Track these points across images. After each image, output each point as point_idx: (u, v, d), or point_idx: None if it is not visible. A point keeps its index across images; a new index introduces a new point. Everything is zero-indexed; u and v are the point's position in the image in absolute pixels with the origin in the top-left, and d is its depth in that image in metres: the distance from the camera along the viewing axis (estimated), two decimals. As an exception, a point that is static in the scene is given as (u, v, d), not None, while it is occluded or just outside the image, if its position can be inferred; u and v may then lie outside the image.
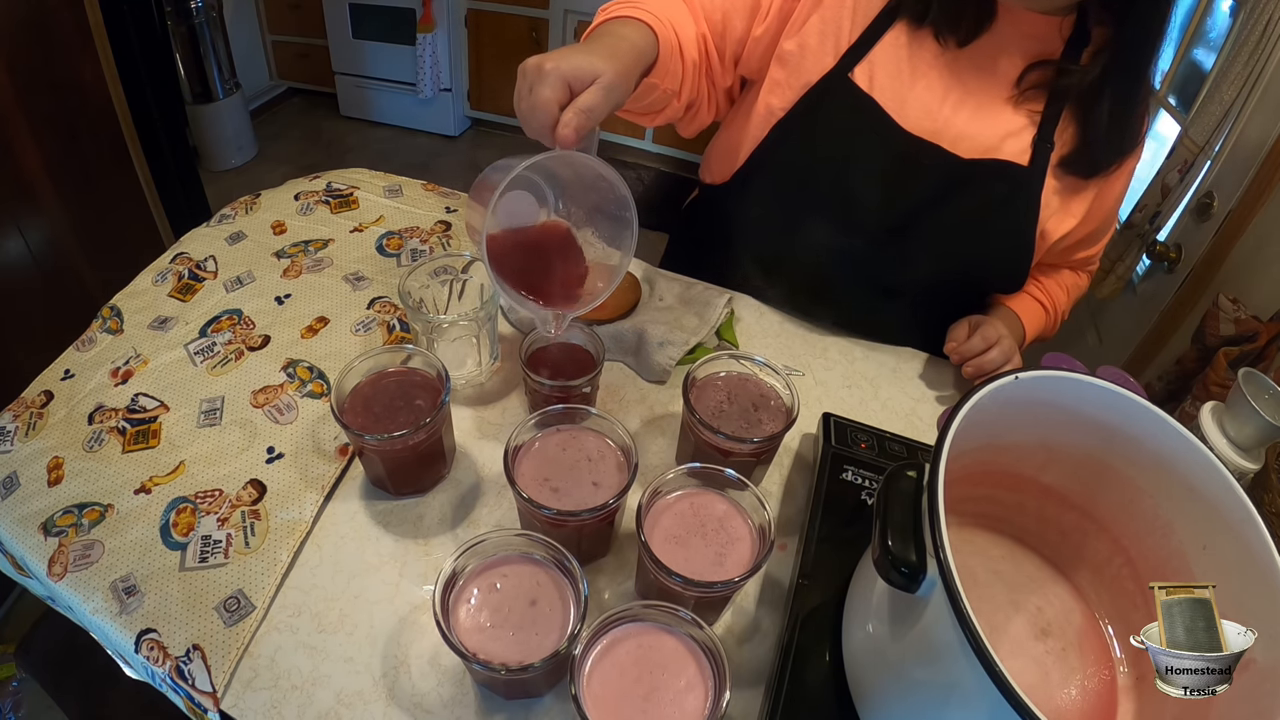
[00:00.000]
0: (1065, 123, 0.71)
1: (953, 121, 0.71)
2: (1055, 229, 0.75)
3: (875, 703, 0.45)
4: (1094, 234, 0.82)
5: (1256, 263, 1.08)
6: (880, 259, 0.78)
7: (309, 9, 2.87)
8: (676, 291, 0.81)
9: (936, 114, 0.71)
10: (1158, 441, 0.44)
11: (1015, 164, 0.72)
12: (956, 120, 0.71)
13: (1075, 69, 0.68)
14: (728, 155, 0.85)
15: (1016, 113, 0.71)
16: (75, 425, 0.64)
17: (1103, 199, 0.76)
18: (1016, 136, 0.71)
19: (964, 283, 0.80)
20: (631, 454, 0.53)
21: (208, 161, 2.60)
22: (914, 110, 0.72)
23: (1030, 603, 0.51)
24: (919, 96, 0.71)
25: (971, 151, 0.71)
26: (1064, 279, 0.89)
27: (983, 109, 0.71)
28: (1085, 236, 0.81)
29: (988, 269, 0.78)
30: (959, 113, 0.71)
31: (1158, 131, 1.64)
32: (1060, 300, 0.88)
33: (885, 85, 0.72)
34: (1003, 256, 0.77)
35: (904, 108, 0.72)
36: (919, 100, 0.71)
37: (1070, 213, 0.75)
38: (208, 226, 0.87)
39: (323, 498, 0.59)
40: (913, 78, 0.71)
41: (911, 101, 0.72)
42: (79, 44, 1.36)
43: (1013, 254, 0.76)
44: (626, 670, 0.43)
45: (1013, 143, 0.71)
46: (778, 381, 0.61)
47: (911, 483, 0.40)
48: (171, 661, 0.49)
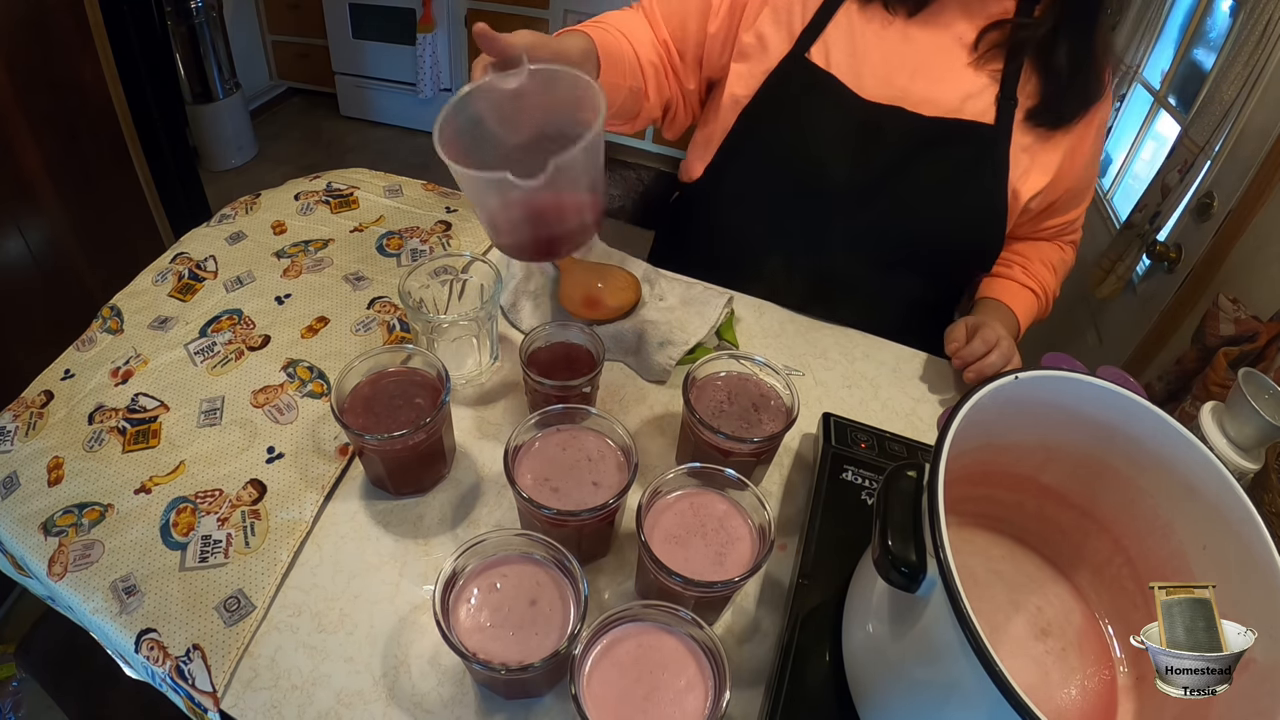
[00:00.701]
0: (1026, 77, 0.73)
1: (911, 89, 0.73)
2: (1027, 188, 0.76)
3: (875, 703, 0.45)
4: (1070, 196, 0.83)
5: (1256, 263, 1.08)
6: (854, 228, 0.79)
7: (309, 9, 2.87)
8: (677, 291, 0.81)
9: (894, 82, 0.73)
10: (1158, 441, 0.44)
11: (980, 123, 0.73)
12: (915, 87, 0.73)
13: (1029, 22, 0.70)
14: (701, 151, 0.87)
15: (977, 74, 0.73)
16: (75, 425, 0.64)
17: (1074, 156, 0.77)
18: (978, 96, 0.73)
19: (940, 249, 0.81)
20: (631, 454, 0.53)
21: (208, 161, 2.60)
22: (871, 81, 0.74)
23: (1030, 603, 0.51)
24: (875, 68, 0.73)
25: (934, 112, 0.73)
26: (1049, 256, 0.89)
27: (941, 74, 0.73)
28: (1061, 198, 0.82)
29: (962, 232, 0.79)
30: (916, 80, 0.73)
31: (1158, 131, 1.64)
32: (1049, 282, 0.88)
33: (841, 60, 0.74)
34: (975, 218, 0.77)
35: (861, 79, 0.74)
36: (875, 71, 0.73)
37: (1041, 169, 0.76)
38: (208, 226, 0.87)
39: (323, 498, 0.59)
40: (867, 51, 0.73)
41: (868, 73, 0.74)
42: (79, 44, 1.36)
43: (985, 215, 0.77)
44: (626, 670, 0.43)
45: (975, 103, 0.73)
46: (778, 381, 0.61)
47: (911, 483, 0.40)
48: (171, 661, 0.49)
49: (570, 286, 0.78)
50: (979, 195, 0.76)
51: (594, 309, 0.76)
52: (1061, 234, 0.89)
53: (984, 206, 0.76)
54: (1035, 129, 0.74)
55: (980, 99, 0.73)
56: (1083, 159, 0.79)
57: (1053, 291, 0.89)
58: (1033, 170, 0.75)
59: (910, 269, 0.82)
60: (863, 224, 0.78)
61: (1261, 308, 0.99)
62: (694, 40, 0.80)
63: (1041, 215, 0.84)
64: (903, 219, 0.78)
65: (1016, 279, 0.86)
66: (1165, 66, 1.63)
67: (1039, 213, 0.82)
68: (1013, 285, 0.86)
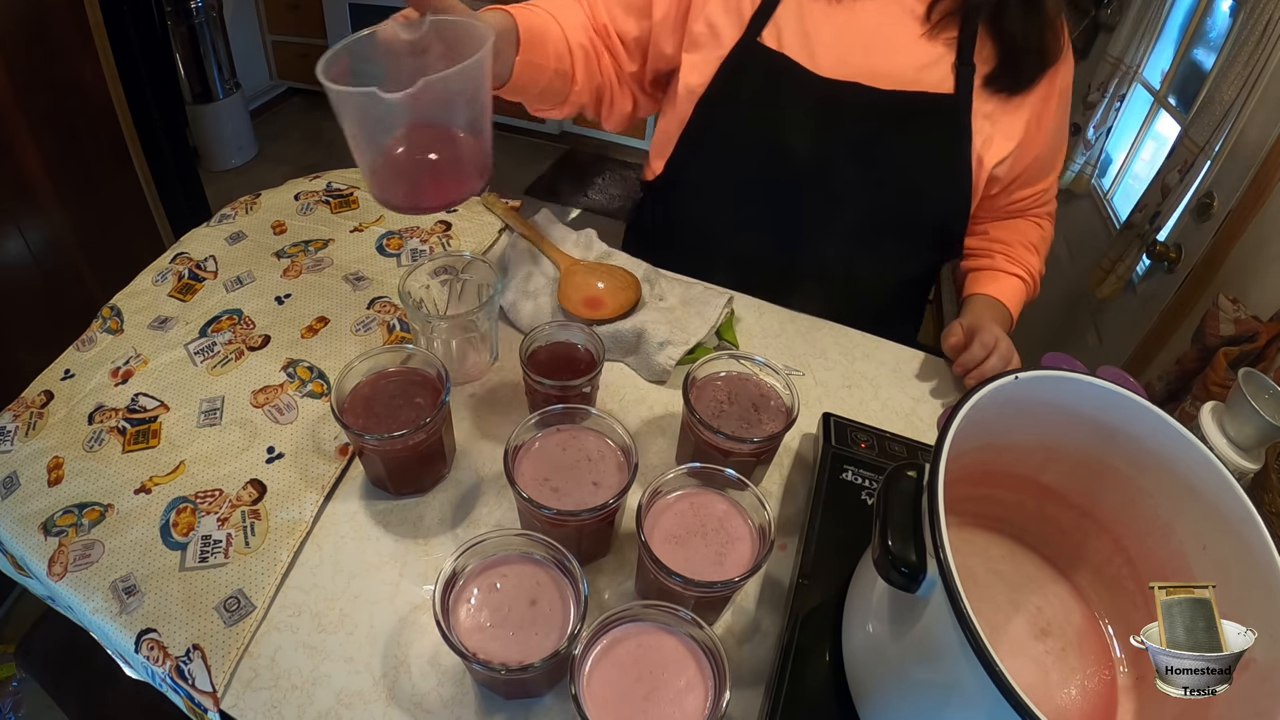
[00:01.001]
0: (982, 42, 0.73)
1: (866, 63, 0.73)
2: (991, 155, 0.76)
3: (875, 703, 0.45)
4: (1038, 164, 0.82)
5: (1256, 263, 1.08)
6: (822, 209, 0.79)
7: (309, 9, 2.87)
8: (677, 292, 0.81)
9: (849, 58, 0.73)
10: (1158, 441, 0.44)
11: (939, 93, 0.73)
12: (870, 62, 0.73)
13: None
14: (661, 147, 0.87)
15: (932, 43, 0.73)
16: (75, 425, 0.64)
17: (1039, 121, 0.77)
18: (935, 65, 0.73)
19: (909, 224, 0.81)
20: (631, 454, 0.53)
21: (208, 161, 2.60)
22: (826, 59, 0.74)
23: (1030, 603, 0.51)
24: (828, 45, 0.74)
25: (891, 85, 0.73)
26: (1028, 235, 0.89)
27: (894, 46, 0.73)
28: (1029, 167, 0.81)
29: (929, 204, 0.79)
30: (871, 55, 0.73)
31: (1158, 131, 1.64)
32: (1033, 263, 0.88)
33: (794, 41, 0.74)
34: (941, 189, 0.78)
35: (815, 58, 0.74)
36: (828, 49, 0.74)
37: (1004, 136, 0.76)
38: (208, 226, 0.87)
39: (323, 498, 0.59)
40: (819, 29, 0.74)
41: (821, 51, 0.74)
42: (79, 44, 1.36)
43: (951, 185, 0.77)
44: (626, 670, 0.43)
45: (932, 72, 0.73)
46: (778, 381, 0.61)
47: (911, 483, 0.40)
48: (171, 661, 0.49)
49: (570, 286, 0.78)
50: (943, 165, 0.76)
51: (594, 309, 0.76)
52: (1035, 206, 0.89)
53: (949, 176, 0.76)
54: (995, 95, 0.74)
55: (937, 68, 0.73)
56: (1048, 124, 0.79)
57: (1038, 271, 0.89)
58: (996, 137, 0.75)
59: (880, 247, 0.82)
60: (830, 204, 0.79)
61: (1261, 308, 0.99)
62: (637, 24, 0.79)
63: (1012, 186, 0.84)
64: (869, 195, 0.78)
65: (1001, 268, 0.86)
66: (1165, 66, 1.63)
67: (1009, 183, 0.82)
68: (998, 275, 0.86)
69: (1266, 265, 1.05)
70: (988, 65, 0.73)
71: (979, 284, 0.85)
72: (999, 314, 0.83)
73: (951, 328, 0.77)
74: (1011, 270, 0.86)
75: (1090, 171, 1.75)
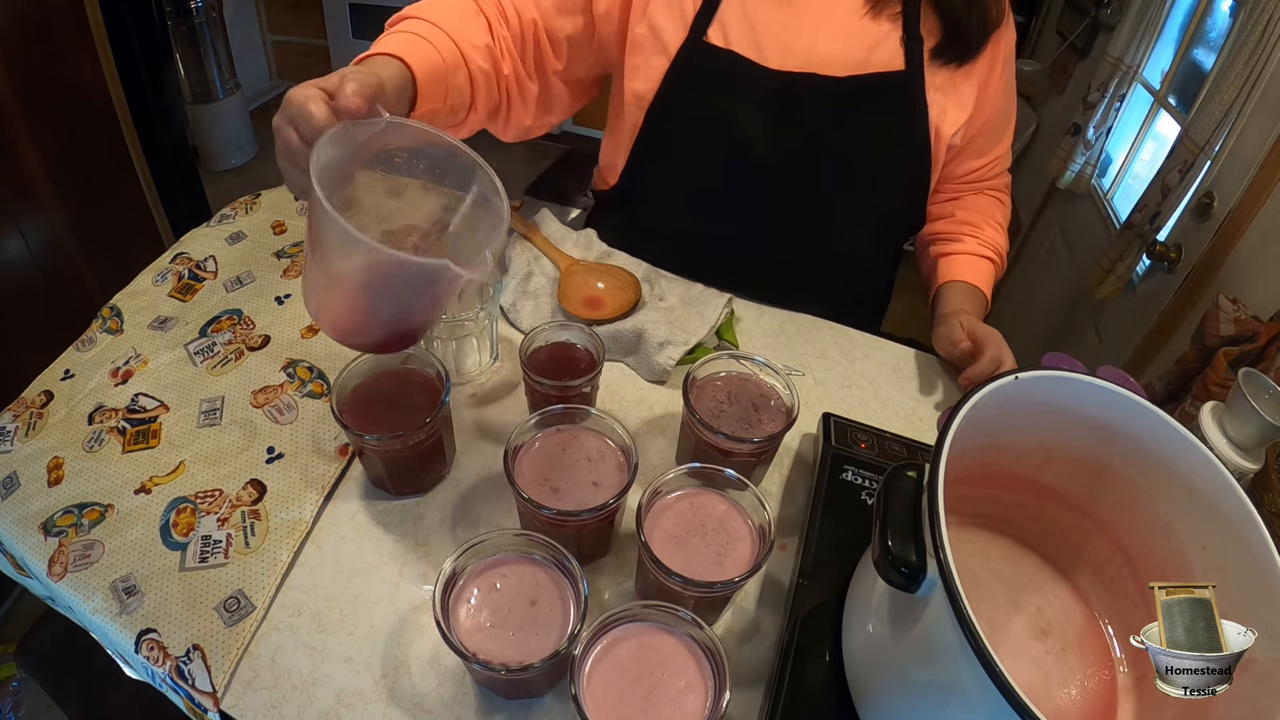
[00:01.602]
0: (926, 15, 0.74)
1: (815, 50, 0.73)
2: (947, 125, 0.77)
3: (875, 703, 0.45)
4: (989, 129, 0.83)
5: (1256, 263, 1.08)
6: (785, 202, 0.79)
7: (309, 9, 2.87)
8: (677, 291, 0.81)
9: (796, 48, 0.73)
10: (1158, 441, 0.44)
11: (890, 71, 0.73)
12: (818, 49, 0.73)
13: None
14: (612, 155, 0.86)
15: (876, 22, 0.73)
16: (75, 425, 0.64)
17: (989, 87, 0.78)
18: (883, 44, 0.73)
19: (873, 205, 0.81)
20: (631, 454, 0.53)
21: (208, 161, 2.60)
22: (773, 51, 0.74)
23: (1030, 603, 0.51)
24: (774, 37, 0.74)
25: (845, 71, 0.73)
26: (991, 214, 0.89)
27: (840, 30, 0.73)
28: (979, 133, 0.82)
29: (892, 184, 0.80)
30: (818, 41, 0.73)
31: (1158, 131, 1.65)
32: (1000, 243, 0.89)
33: (740, 36, 0.74)
34: (903, 166, 0.78)
35: (764, 51, 0.74)
36: (775, 40, 0.74)
37: (958, 105, 0.77)
38: (208, 226, 0.87)
39: (323, 498, 0.59)
40: (765, 21, 0.74)
41: (768, 44, 0.74)
42: (79, 44, 1.36)
43: (911, 161, 0.78)
44: (626, 670, 0.43)
45: (881, 51, 0.73)
46: (778, 381, 0.61)
47: (911, 483, 0.40)
48: (171, 661, 0.49)
49: (570, 286, 0.78)
50: (902, 142, 0.77)
51: (594, 309, 0.76)
52: (990, 177, 0.90)
53: (909, 153, 0.77)
54: (945, 66, 0.75)
55: (885, 46, 0.73)
56: (995, 88, 0.79)
57: (1004, 249, 0.90)
58: (949, 107, 0.76)
59: (847, 230, 0.82)
60: (793, 195, 0.79)
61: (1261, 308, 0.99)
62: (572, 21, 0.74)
63: (964, 155, 0.85)
64: (832, 181, 0.78)
65: (972, 251, 0.87)
66: (1165, 66, 1.63)
67: (961, 151, 0.83)
68: (971, 260, 0.86)
69: (1266, 265, 1.05)
70: (934, 38, 0.74)
71: (953, 271, 0.86)
72: (979, 301, 0.84)
73: (952, 326, 0.77)
74: (982, 254, 0.87)
75: (1090, 171, 1.75)
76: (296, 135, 0.47)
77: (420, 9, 0.64)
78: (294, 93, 0.47)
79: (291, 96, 0.47)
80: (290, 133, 0.47)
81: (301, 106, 0.46)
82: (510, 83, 0.71)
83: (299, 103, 0.46)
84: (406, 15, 0.64)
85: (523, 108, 0.75)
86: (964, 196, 0.90)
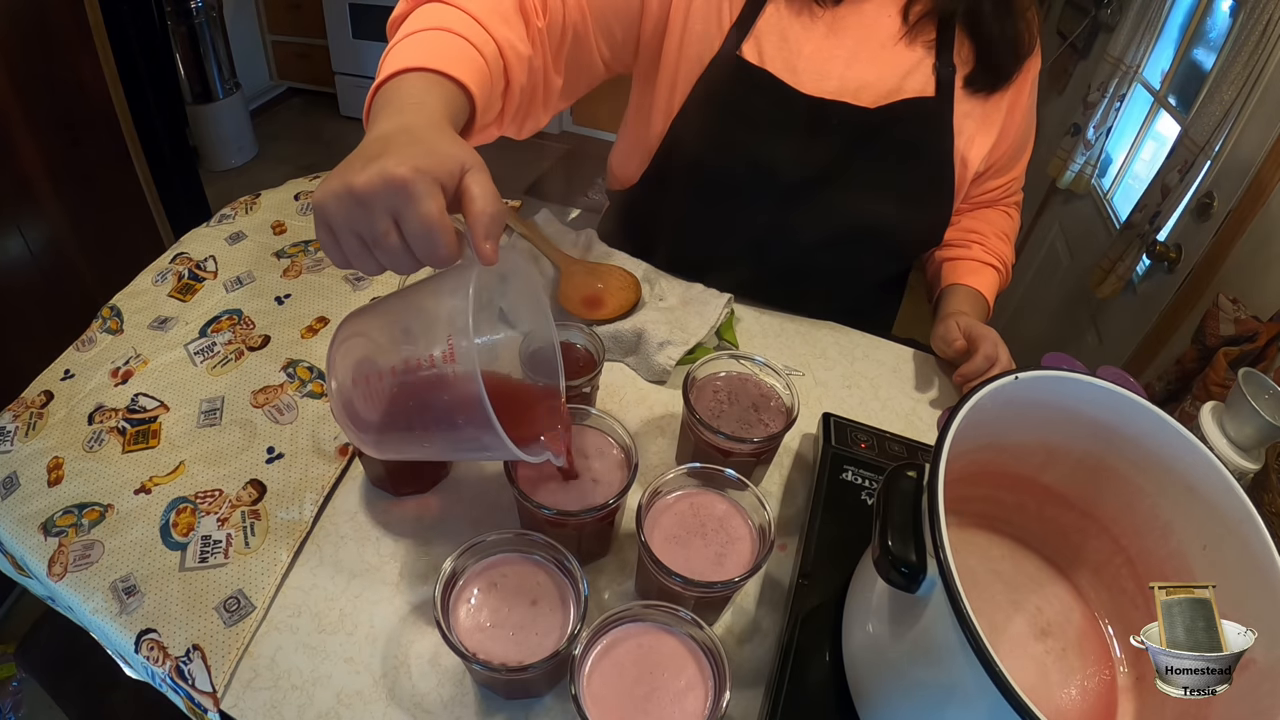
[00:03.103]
0: (960, 43, 0.73)
1: (849, 76, 0.72)
2: (974, 153, 0.76)
3: (875, 703, 0.45)
4: (1011, 152, 0.83)
5: (1256, 263, 1.08)
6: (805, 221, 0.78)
7: (309, 9, 2.87)
8: (677, 291, 0.81)
9: (831, 72, 0.72)
10: (1158, 441, 0.44)
11: (922, 98, 0.73)
12: (852, 74, 0.72)
13: None
14: (629, 157, 0.85)
15: (911, 49, 0.72)
16: (75, 425, 0.64)
17: (1013, 112, 0.78)
18: (916, 71, 0.72)
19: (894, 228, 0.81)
20: (631, 454, 0.53)
21: (208, 161, 2.60)
22: (808, 74, 0.72)
23: (1030, 603, 0.51)
24: (809, 59, 0.72)
25: (876, 99, 0.72)
26: (999, 225, 0.90)
27: (876, 56, 0.72)
28: (1002, 156, 0.82)
29: (915, 209, 0.79)
30: (853, 66, 0.72)
31: (1158, 131, 1.64)
32: (1007, 254, 0.89)
33: (774, 55, 0.72)
34: (926, 195, 0.78)
35: (798, 74, 0.72)
36: (810, 63, 0.72)
37: (986, 133, 0.76)
38: (208, 226, 0.87)
39: (323, 498, 0.59)
40: (800, 42, 0.72)
41: (803, 66, 0.72)
42: (79, 44, 1.36)
43: (936, 189, 0.77)
44: (626, 670, 0.43)
45: (914, 79, 0.72)
46: (778, 381, 0.61)
47: (911, 483, 0.40)
48: (171, 661, 0.49)
49: (570, 286, 0.78)
50: (928, 172, 0.76)
51: (594, 309, 0.76)
52: (1005, 197, 0.90)
53: (934, 182, 0.77)
54: (976, 94, 0.74)
55: (918, 73, 0.73)
56: (1020, 114, 0.79)
57: (1010, 261, 0.90)
58: (977, 135, 0.76)
59: (861, 253, 0.82)
60: (812, 216, 0.78)
61: (1261, 308, 0.99)
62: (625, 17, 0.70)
63: (984, 176, 0.85)
64: (853, 207, 0.78)
65: (978, 258, 0.87)
66: (1165, 66, 1.63)
67: (982, 173, 0.83)
68: (976, 266, 0.86)
69: (1266, 265, 1.05)
70: (967, 66, 0.73)
71: (957, 275, 0.86)
72: (980, 306, 0.84)
73: (949, 326, 0.77)
74: (988, 261, 0.87)
75: (1090, 171, 1.75)
76: (398, 237, 0.37)
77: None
78: (412, 183, 0.36)
79: (411, 189, 0.36)
80: (390, 229, 0.37)
81: (431, 218, 0.36)
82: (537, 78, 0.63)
83: (431, 218, 0.36)
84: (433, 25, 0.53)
85: (543, 107, 0.67)
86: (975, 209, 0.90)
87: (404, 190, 0.36)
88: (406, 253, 0.38)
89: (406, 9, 0.55)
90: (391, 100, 0.45)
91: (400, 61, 0.47)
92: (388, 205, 0.36)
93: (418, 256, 0.38)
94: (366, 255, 0.38)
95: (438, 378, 0.40)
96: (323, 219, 0.38)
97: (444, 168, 0.37)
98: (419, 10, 0.54)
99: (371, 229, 0.37)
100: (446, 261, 0.38)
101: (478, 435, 0.40)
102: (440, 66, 0.47)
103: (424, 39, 0.50)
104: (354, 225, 0.37)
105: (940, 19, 0.71)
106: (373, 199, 0.36)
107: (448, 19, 0.51)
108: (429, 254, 0.37)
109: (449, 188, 0.38)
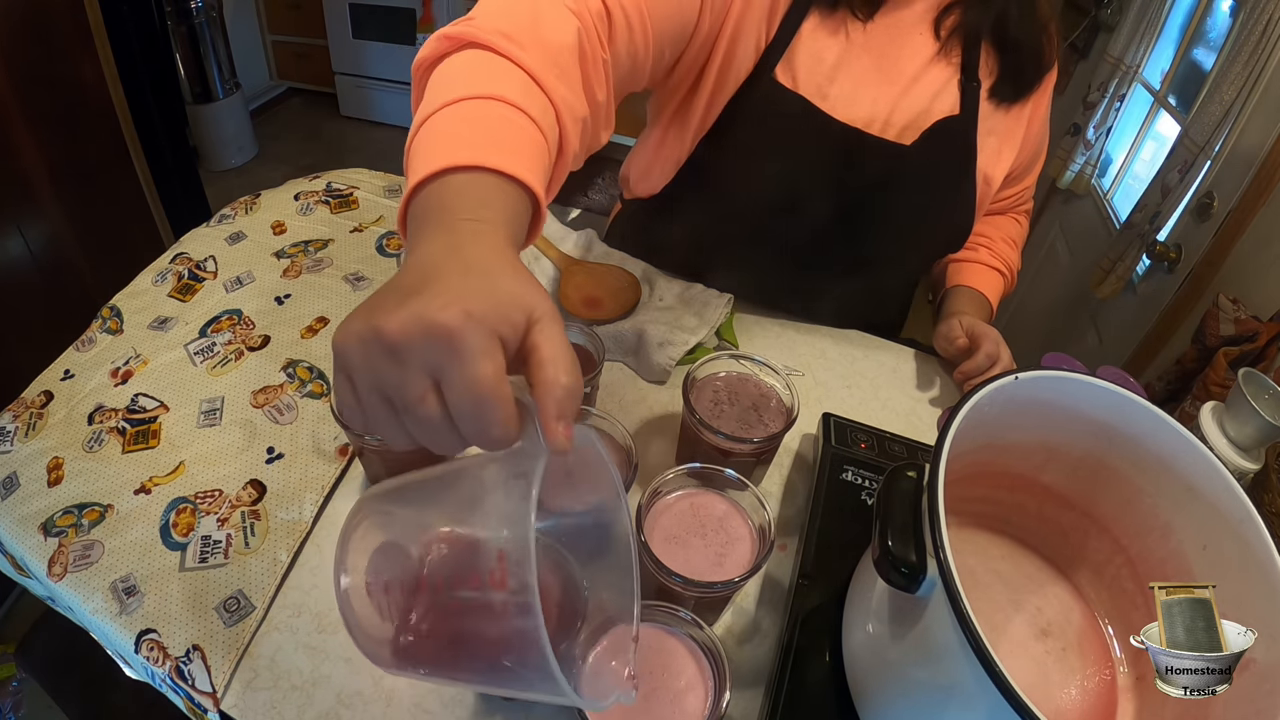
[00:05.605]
0: (985, 56, 0.73)
1: (881, 101, 0.71)
2: (998, 171, 0.76)
3: (875, 703, 0.45)
4: (1027, 161, 0.84)
5: (1256, 263, 1.08)
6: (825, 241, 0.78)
7: (309, 9, 2.87)
8: (676, 291, 0.81)
9: (863, 98, 0.71)
10: (1158, 441, 0.44)
11: (949, 118, 0.72)
12: (884, 99, 0.71)
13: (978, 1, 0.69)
14: (650, 168, 0.84)
15: (941, 67, 0.72)
16: (75, 425, 0.64)
17: (1031, 124, 0.78)
18: (945, 90, 0.72)
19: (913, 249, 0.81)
20: (631, 454, 0.53)
21: (208, 161, 2.60)
22: (841, 100, 0.71)
23: (1030, 603, 0.51)
24: (842, 85, 0.71)
25: (910, 131, 0.72)
26: (1009, 232, 0.90)
27: (908, 79, 0.72)
28: (1018, 168, 0.83)
29: (938, 230, 0.79)
30: (886, 90, 0.71)
31: (1158, 131, 1.64)
32: (1013, 259, 0.89)
33: (808, 80, 0.71)
34: (949, 215, 0.78)
35: (830, 100, 0.71)
36: (842, 90, 0.71)
37: (1008, 148, 0.77)
38: (208, 226, 0.87)
39: (323, 498, 0.59)
40: (834, 67, 0.71)
41: (836, 92, 0.71)
42: (79, 44, 1.36)
43: (959, 210, 0.77)
44: (626, 670, 0.43)
45: (943, 99, 0.72)
46: (778, 381, 0.61)
47: (911, 483, 0.40)
48: (171, 662, 0.49)
49: (570, 286, 0.78)
50: (953, 195, 0.76)
51: (594, 309, 0.76)
52: (1017, 205, 0.91)
53: (957, 202, 0.77)
54: (997, 107, 0.74)
55: (947, 91, 0.72)
56: (1038, 125, 0.80)
57: (1016, 267, 0.90)
58: (1001, 150, 0.76)
59: (879, 270, 0.82)
60: (834, 239, 0.77)
61: (1261, 308, 0.99)
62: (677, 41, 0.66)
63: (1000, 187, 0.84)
64: (877, 231, 0.77)
65: (984, 261, 0.87)
66: (1165, 66, 1.63)
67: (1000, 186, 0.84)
68: (981, 269, 0.86)
69: (1266, 265, 1.05)
70: (990, 78, 0.73)
71: (962, 276, 0.86)
72: (983, 308, 0.84)
73: (951, 325, 0.77)
74: (993, 265, 0.87)
75: (1090, 171, 1.75)
76: (438, 405, 0.28)
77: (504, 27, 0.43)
78: (461, 335, 0.27)
79: (459, 343, 0.27)
80: (427, 394, 0.28)
81: (484, 384, 0.27)
82: (588, 137, 0.51)
83: (484, 383, 0.27)
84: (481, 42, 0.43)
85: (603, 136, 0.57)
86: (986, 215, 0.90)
87: (450, 343, 0.27)
88: (448, 426, 0.28)
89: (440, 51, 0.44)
90: (434, 208, 0.35)
91: (447, 154, 0.36)
92: (426, 362, 0.27)
93: (462, 434, 0.29)
94: (394, 423, 0.29)
95: (482, 604, 0.31)
96: (342, 366, 0.30)
97: (506, 316, 0.28)
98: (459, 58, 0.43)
99: (403, 391, 0.28)
100: (500, 444, 0.29)
101: (529, 677, 0.30)
102: (500, 165, 0.36)
103: (474, 113, 0.39)
104: (380, 383, 0.29)
105: (967, 34, 0.71)
106: (407, 351, 0.27)
107: (498, 81, 0.41)
108: (478, 432, 0.28)
109: (511, 343, 0.29)
